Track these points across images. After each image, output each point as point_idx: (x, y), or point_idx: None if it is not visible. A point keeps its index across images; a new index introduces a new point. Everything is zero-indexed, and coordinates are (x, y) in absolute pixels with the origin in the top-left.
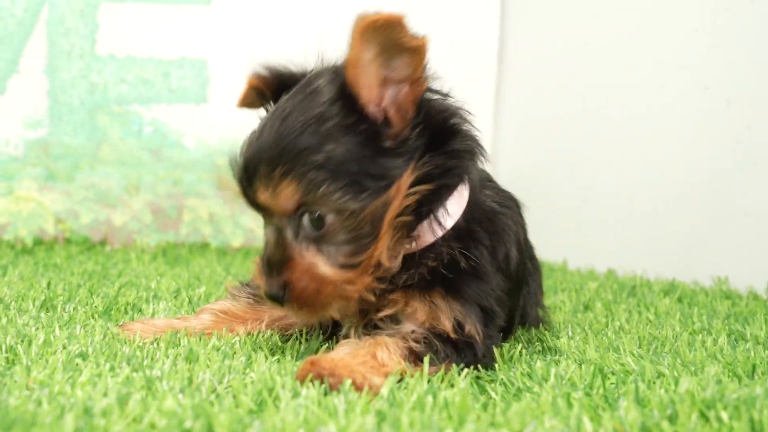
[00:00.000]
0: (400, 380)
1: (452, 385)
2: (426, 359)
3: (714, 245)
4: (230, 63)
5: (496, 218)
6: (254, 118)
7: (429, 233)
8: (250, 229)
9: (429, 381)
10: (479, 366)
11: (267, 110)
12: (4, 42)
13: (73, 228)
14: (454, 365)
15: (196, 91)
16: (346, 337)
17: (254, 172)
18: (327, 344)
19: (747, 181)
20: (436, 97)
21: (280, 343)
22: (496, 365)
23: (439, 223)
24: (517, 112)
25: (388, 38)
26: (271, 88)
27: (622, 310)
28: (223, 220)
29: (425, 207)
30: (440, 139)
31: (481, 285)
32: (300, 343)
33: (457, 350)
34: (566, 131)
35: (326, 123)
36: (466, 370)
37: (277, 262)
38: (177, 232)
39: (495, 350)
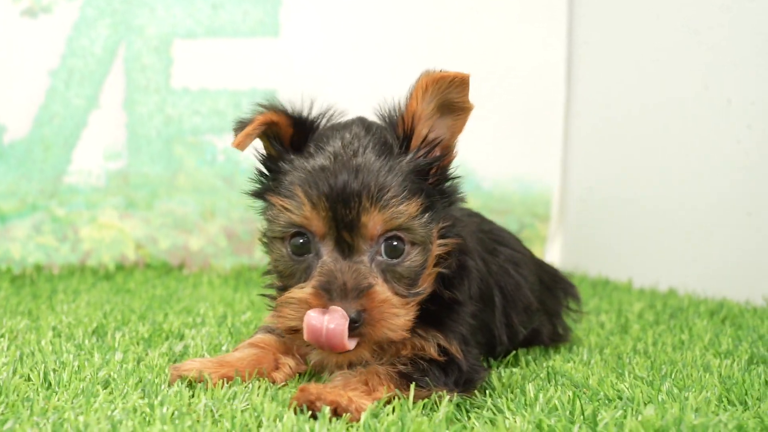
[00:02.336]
0: (388, 404)
1: (434, 410)
2: (412, 386)
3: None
4: (298, 92)
5: (459, 246)
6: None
7: None
8: None
9: (414, 406)
10: (470, 386)
11: (279, 150)
12: (85, 79)
13: (152, 253)
14: (444, 391)
15: None
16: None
17: (359, 192)
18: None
19: None
20: None
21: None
22: (487, 391)
23: None
24: (586, 131)
25: (449, 95)
26: (290, 127)
27: (657, 333)
28: None
29: None
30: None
31: (457, 314)
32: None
33: (443, 369)
34: (633, 150)
35: (402, 164)
36: (448, 396)
37: (354, 286)
38: (251, 255)
39: (494, 376)
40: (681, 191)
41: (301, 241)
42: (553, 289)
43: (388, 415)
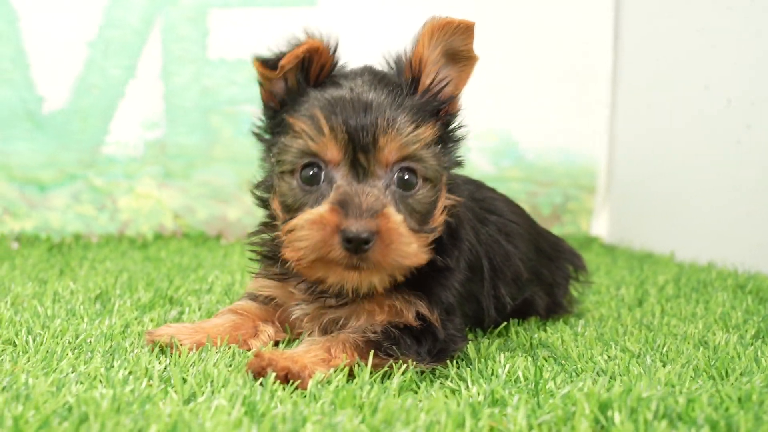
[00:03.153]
0: (349, 372)
1: (391, 378)
2: (371, 353)
3: None
4: None
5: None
6: None
7: None
8: None
9: (371, 374)
10: (442, 355)
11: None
12: (122, 50)
13: (190, 223)
14: (410, 360)
15: None
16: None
17: (376, 117)
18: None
19: None
20: None
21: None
22: (456, 361)
23: None
24: (634, 108)
25: (454, 43)
26: (330, 56)
27: (671, 306)
28: None
29: None
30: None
31: (446, 280)
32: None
33: (416, 338)
34: (681, 120)
35: (413, 100)
36: (413, 365)
37: (369, 207)
38: None
39: (471, 346)
40: (724, 164)
41: (311, 172)
42: (555, 260)
43: (341, 383)
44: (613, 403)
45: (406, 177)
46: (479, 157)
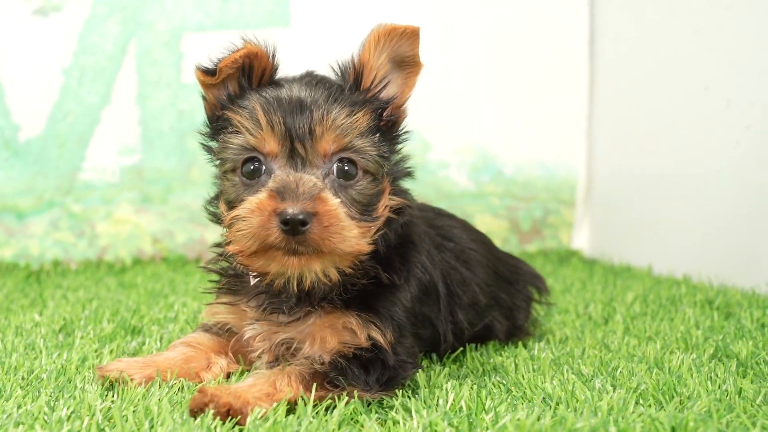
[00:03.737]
0: (294, 405)
1: (332, 411)
2: (314, 386)
3: None
4: None
5: (406, 237)
6: None
7: None
8: None
9: (315, 406)
10: (392, 384)
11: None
12: (97, 75)
13: (169, 247)
14: (356, 390)
15: None
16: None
17: (311, 108)
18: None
19: None
20: None
21: None
22: (403, 390)
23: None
24: (611, 115)
25: (400, 49)
26: (269, 61)
27: (636, 325)
28: None
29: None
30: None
31: (394, 296)
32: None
33: (364, 367)
34: (660, 132)
35: (352, 96)
36: (358, 395)
37: (306, 191)
38: None
39: (421, 374)
40: (701, 176)
41: (252, 167)
42: (514, 283)
43: (280, 417)
44: None
45: (346, 168)
46: (458, 173)
